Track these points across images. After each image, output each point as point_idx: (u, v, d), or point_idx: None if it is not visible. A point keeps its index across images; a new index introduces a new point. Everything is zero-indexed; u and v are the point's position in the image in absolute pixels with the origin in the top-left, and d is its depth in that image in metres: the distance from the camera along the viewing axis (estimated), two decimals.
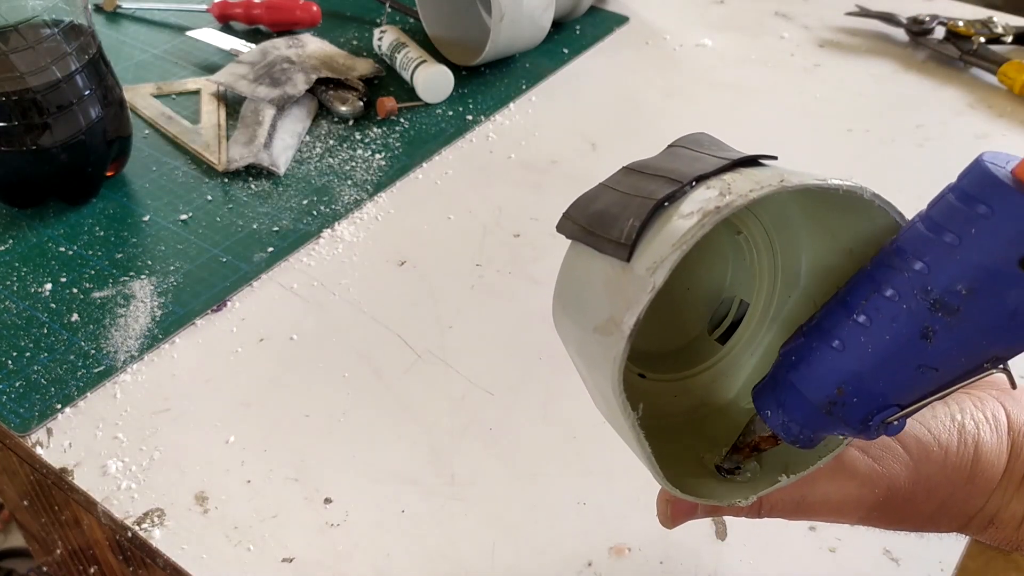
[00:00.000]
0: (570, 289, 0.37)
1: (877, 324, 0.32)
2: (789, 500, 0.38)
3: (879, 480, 0.37)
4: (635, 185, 0.35)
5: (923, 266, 0.30)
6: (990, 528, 0.39)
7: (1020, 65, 0.86)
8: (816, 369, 0.34)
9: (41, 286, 0.65)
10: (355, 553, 0.50)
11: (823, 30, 0.96)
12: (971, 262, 0.29)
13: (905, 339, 0.31)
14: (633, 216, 0.34)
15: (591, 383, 0.37)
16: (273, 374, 0.60)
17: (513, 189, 0.75)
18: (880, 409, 0.33)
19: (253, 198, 0.73)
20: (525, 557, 0.50)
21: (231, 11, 0.93)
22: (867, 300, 0.32)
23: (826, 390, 0.33)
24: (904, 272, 0.31)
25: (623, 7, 0.99)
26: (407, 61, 0.84)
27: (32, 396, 0.57)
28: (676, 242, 0.31)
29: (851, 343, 0.32)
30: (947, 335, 0.31)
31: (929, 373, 0.32)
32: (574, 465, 0.55)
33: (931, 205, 0.31)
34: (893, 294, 0.31)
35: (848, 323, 0.33)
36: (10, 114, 0.64)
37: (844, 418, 0.34)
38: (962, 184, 0.30)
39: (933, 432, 0.38)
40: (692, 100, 0.86)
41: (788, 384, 0.35)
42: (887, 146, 0.81)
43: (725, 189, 0.32)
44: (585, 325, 0.35)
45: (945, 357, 0.31)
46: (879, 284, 0.32)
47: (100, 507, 0.52)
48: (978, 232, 0.29)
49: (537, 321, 0.63)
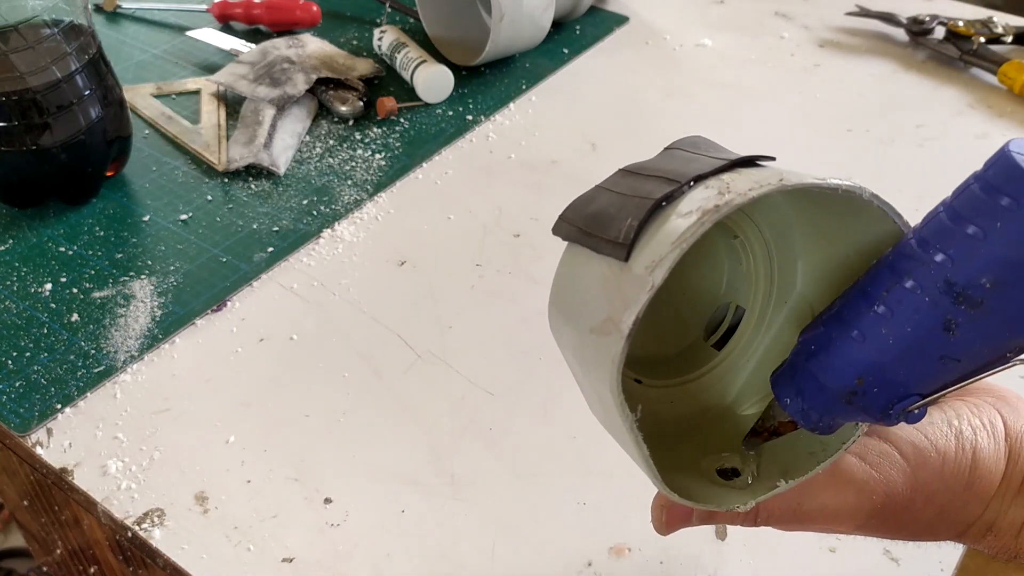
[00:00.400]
0: (566, 291, 0.37)
1: (898, 316, 0.31)
2: (786, 508, 0.38)
3: (877, 487, 0.37)
4: (632, 186, 0.35)
5: (946, 258, 0.30)
6: (988, 536, 0.38)
7: (1020, 65, 0.86)
8: (836, 359, 0.33)
9: (41, 286, 0.65)
10: (355, 553, 0.50)
11: (823, 30, 0.96)
12: (995, 256, 0.29)
13: (927, 331, 0.31)
14: (631, 216, 0.33)
15: (588, 387, 0.37)
16: (273, 374, 0.60)
17: (513, 189, 0.75)
18: (901, 398, 0.32)
19: (253, 198, 0.73)
20: (525, 557, 0.50)
21: (231, 11, 0.93)
22: (888, 291, 0.31)
23: (846, 380, 0.33)
24: (926, 264, 0.30)
25: (623, 7, 0.99)
26: (407, 61, 0.84)
27: (32, 396, 0.57)
28: (675, 240, 0.31)
29: (871, 334, 0.32)
30: (970, 327, 0.30)
31: (951, 364, 0.31)
32: (574, 465, 0.55)
33: (955, 194, 0.31)
34: (915, 286, 0.31)
35: (869, 314, 0.32)
36: (10, 114, 0.64)
37: (864, 407, 0.33)
38: (987, 174, 0.29)
39: (930, 438, 0.38)
40: (692, 100, 0.86)
41: (807, 372, 0.34)
42: (887, 146, 0.81)
43: (724, 188, 0.32)
44: (582, 327, 0.35)
45: (968, 349, 0.31)
46: (900, 275, 0.31)
47: (100, 507, 0.52)
48: (1003, 225, 0.28)
49: (537, 321, 0.63)
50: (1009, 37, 0.91)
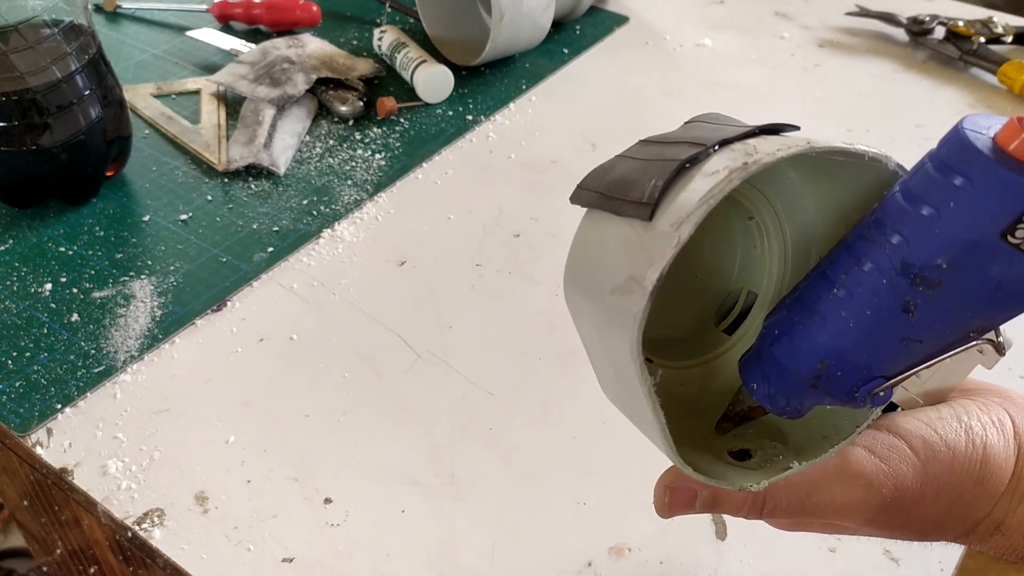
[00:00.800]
0: (585, 256, 0.36)
1: (857, 298, 0.31)
2: (794, 499, 0.38)
3: (886, 480, 0.37)
4: (655, 152, 0.35)
5: (901, 240, 0.29)
6: (996, 535, 0.38)
7: (1020, 65, 0.86)
8: (798, 343, 0.33)
9: (41, 286, 0.65)
10: (355, 553, 0.50)
11: (823, 30, 0.96)
12: (951, 236, 0.28)
13: (887, 313, 0.30)
14: (656, 177, 0.33)
15: (604, 358, 0.36)
16: (273, 374, 0.60)
17: (513, 189, 0.75)
18: (865, 381, 0.32)
19: (253, 198, 0.73)
20: (525, 557, 0.50)
21: (231, 11, 0.93)
22: (847, 274, 0.31)
23: (809, 364, 0.33)
24: (882, 246, 0.30)
25: (623, 7, 0.99)
26: (407, 61, 0.84)
27: (32, 396, 0.57)
28: (703, 197, 0.30)
29: (832, 317, 0.32)
30: (929, 308, 0.29)
31: (913, 346, 0.31)
32: (574, 465, 0.55)
33: (910, 173, 0.30)
34: (872, 268, 0.30)
35: (828, 297, 0.32)
36: (10, 114, 0.64)
37: (829, 390, 0.33)
38: (940, 153, 0.29)
39: (940, 432, 0.37)
40: (692, 100, 0.86)
41: (772, 358, 0.34)
42: (887, 146, 0.80)
43: (751, 150, 0.31)
44: (602, 290, 0.34)
45: (929, 330, 0.30)
46: (858, 257, 0.31)
47: (100, 507, 0.52)
48: (957, 205, 0.28)
49: (537, 321, 0.63)
50: (1009, 37, 0.91)
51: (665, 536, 0.51)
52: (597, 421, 0.57)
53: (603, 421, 0.56)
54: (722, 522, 0.52)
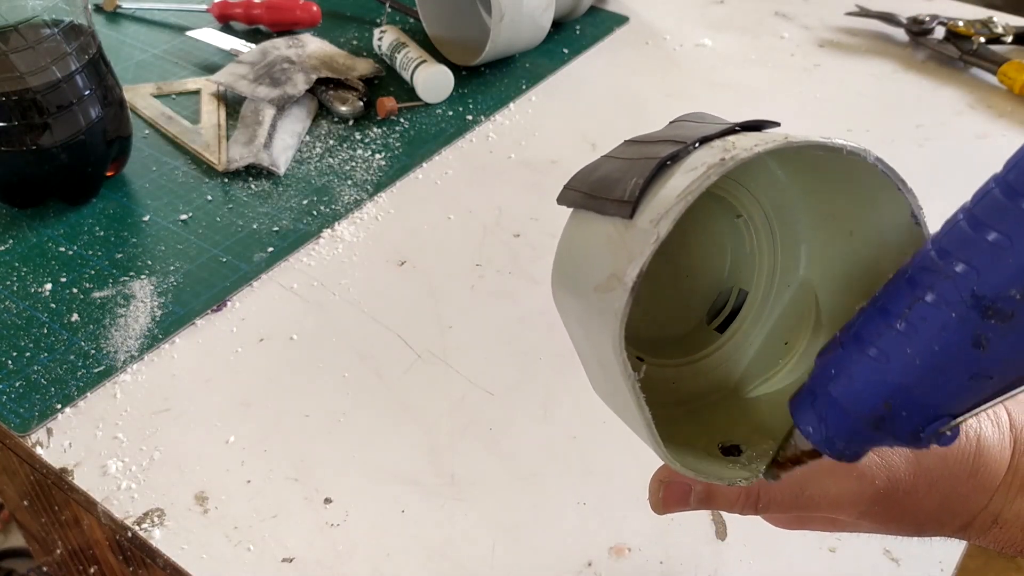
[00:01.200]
0: (570, 256, 0.36)
1: (923, 333, 0.29)
2: (788, 494, 0.38)
3: (878, 471, 0.37)
4: (638, 151, 0.35)
5: (970, 269, 0.27)
6: (994, 528, 0.38)
7: (1020, 65, 0.86)
8: (859, 383, 0.31)
9: (41, 286, 0.65)
10: (355, 553, 0.50)
11: (823, 30, 0.96)
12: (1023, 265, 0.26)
13: (955, 348, 0.28)
14: (636, 175, 0.33)
15: (591, 356, 0.36)
16: (273, 374, 0.60)
17: (513, 189, 0.75)
18: (931, 420, 0.30)
19: (253, 198, 0.73)
20: (525, 557, 0.50)
21: (231, 11, 0.93)
22: (910, 308, 0.29)
23: (872, 404, 0.31)
24: (949, 276, 0.28)
25: (623, 7, 0.99)
26: (407, 61, 0.84)
27: (32, 396, 0.57)
28: (680, 193, 0.31)
29: (895, 354, 0.30)
30: (1002, 342, 0.28)
31: (983, 382, 0.29)
32: (574, 465, 0.55)
33: (975, 199, 0.28)
34: (937, 300, 0.28)
35: (891, 332, 0.30)
36: (10, 114, 0.64)
37: (893, 432, 0.31)
38: (1008, 177, 0.27)
39: None
40: (692, 100, 0.86)
41: (829, 398, 0.32)
42: (887, 146, 0.81)
43: (730, 146, 0.31)
44: (586, 288, 0.34)
45: (1000, 365, 0.28)
46: (921, 289, 0.29)
47: (100, 507, 0.52)
48: None
49: (537, 321, 0.63)
50: (1009, 37, 0.91)
51: (665, 536, 0.51)
52: (597, 421, 0.57)
53: (603, 421, 0.56)
54: (722, 522, 0.52)
